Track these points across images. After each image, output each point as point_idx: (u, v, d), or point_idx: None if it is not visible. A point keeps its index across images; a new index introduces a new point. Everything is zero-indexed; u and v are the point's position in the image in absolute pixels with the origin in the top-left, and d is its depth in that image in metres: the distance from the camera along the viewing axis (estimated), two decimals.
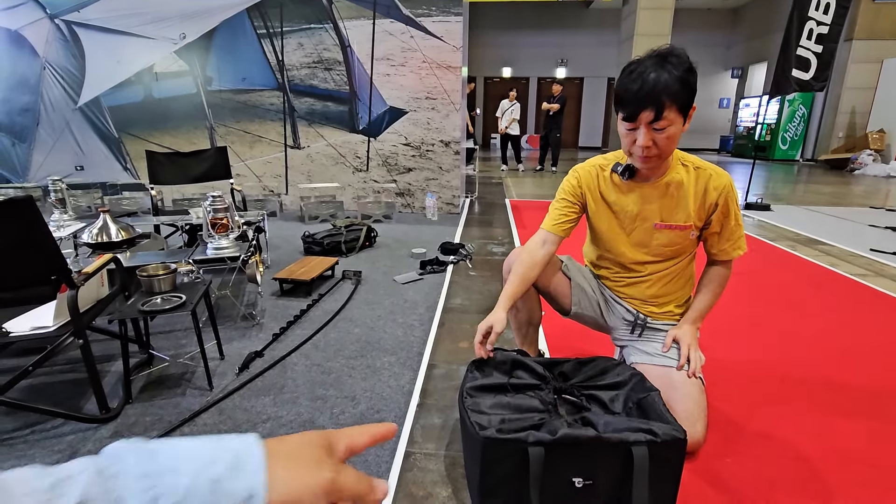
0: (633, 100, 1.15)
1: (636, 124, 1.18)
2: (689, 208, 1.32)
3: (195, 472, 0.27)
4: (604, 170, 1.41)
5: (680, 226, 1.34)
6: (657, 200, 1.34)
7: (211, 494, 0.27)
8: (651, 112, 1.15)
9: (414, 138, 4.86)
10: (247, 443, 0.30)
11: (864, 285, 2.89)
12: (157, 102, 4.89)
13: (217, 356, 1.93)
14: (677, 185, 1.32)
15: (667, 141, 1.20)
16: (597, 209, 1.43)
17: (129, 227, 2.40)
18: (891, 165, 9.20)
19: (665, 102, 1.13)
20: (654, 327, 1.48)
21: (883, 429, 1.52)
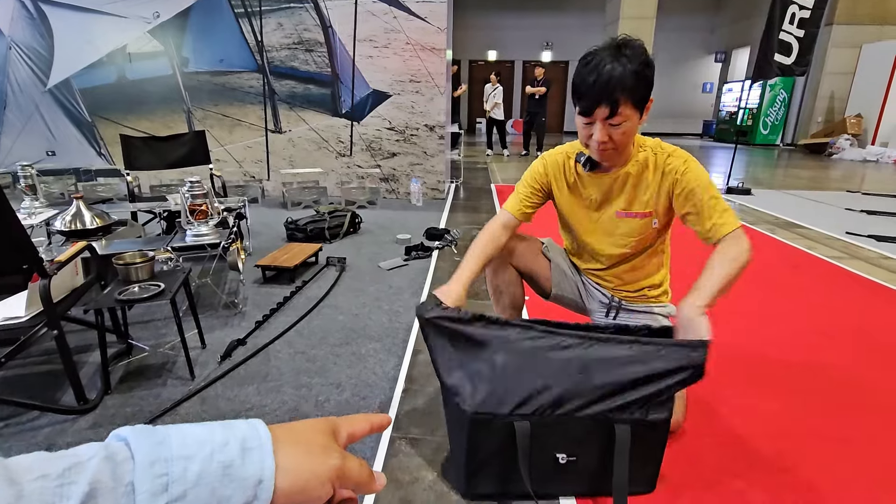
0: (589, 94, 1.14)
1: (592, 119, 1.17)
2: (648, 195, 1.31)
3: (206, 458, 0.27)
4: (570, 157, 1.40)
5: (641, 213, 1.33)
6: (618, 190, 1.34)
7: (221, 479, 0.27)
8: (606, 108, 1.14)
9: (398, 122, 4.79)
10: (255, 428, 0.31)
11: (839, 267, 2.97)
12: (131, 84, 4.72)
13: (198, 345, 1.90)
14: (637, 174, 1.31)
15: (623, 136, 1.19)
16: (562, 197, 1.43)
17: (104, 214, 2.33)
18: (867, 150, 9.40)
19: (620, 99, 1.12)
20: (629, 309, 1.49)
21: (854, 406, 1.57)
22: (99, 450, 0.26)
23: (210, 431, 0.29)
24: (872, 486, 1.23)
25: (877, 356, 1.90)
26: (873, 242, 3.51)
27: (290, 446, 0.31)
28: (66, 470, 0.24)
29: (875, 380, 1.73)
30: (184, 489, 0.26)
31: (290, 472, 0.30)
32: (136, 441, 0.27)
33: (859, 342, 2.01)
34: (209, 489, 0.27)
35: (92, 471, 0.24)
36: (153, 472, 0.26)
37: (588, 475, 1.15)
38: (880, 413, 1.54)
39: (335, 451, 0.33)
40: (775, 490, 1.22)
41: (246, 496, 0.27)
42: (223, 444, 0.28)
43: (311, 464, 0.31)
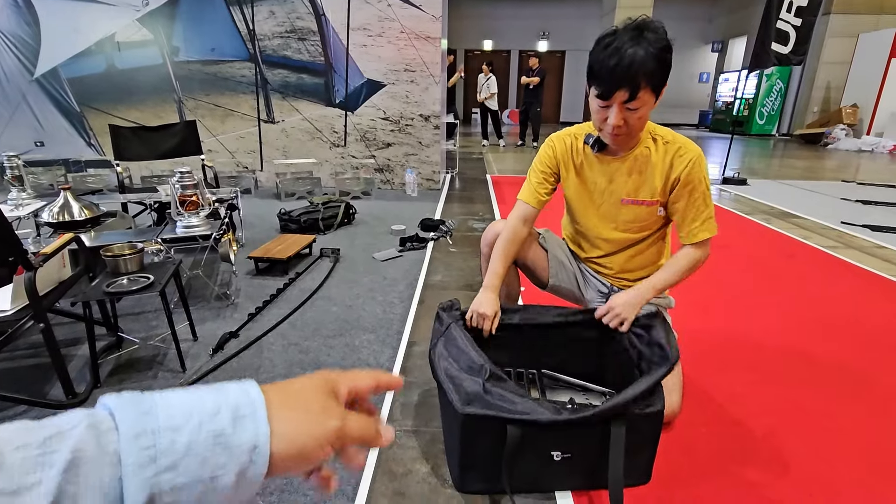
0: (609, 77, 1.12)
1: (609, 102, 1.16)
2: (655, 184, 1.30)
3: (195, 428, 0.26)
4: (577, 139, 1.39)
5: (646, 201, 1.32)
6: (624, 175, 1.32)
7: (213, 448, 0.26)
8: (626, 92, 1.12)
9: (392, 112, 4.74)
10: (247, 392, 0.29)
11: (834, 257, 2.97)
12: (120, 74, 4.64)
13: (190, 337, 1.88)
14: (644, 160, 1.30)
15: (638, 120, 1.19)
16: (568, 178, 1.42)
17: (92, 206, 2.29)
18: (862, 140, 9.40)
19: (641, 83, 1.11)
20: None
21: (849, 395, 1.57)
22: (82, 418, 0.25)
23: (199, 400, 0.28)
24: (866, 474, 1.23)
25: (871, 345, 1.90)
26: (868, 232, 3.51)
27: (286, 410, 0.30)
28: (48, 439, 0.23)
29: (869, 368, 1.73)
30: (173, 460, 0.25)
31: (285, 437, 0.29)
32: (121, 411, 0.26)
33: (854, 331, 2.01)
34: (200, 459, 0.26)
35: (74, 439, 0.24)
36: (139, 445, 0.25)
37: (583, 470, 1.14)
38: (874, 401, 1.54)
39: (334, 412, 0.32)
40: (770, 479, 1.21)
41: (241, 463, 0.27)
42: (213, 413, 0.27)
43: (308, 426, 0.30)
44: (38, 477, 0.22)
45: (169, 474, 0.25)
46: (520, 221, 1.43)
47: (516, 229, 1.42)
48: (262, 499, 1.14)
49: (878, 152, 8.91)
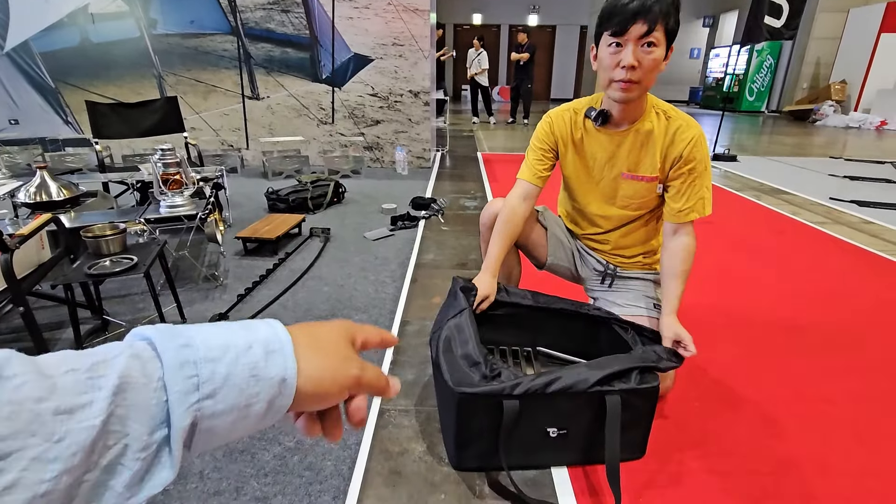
0: (625, 11, 1.08)
1: (625, 38, 1.11)
2: (655, 159, 1.27)
3: (232, 360, 0.28)
4: (577, 114, 1.34)
5: (646, 177, 1.30)
6: (626, 149, 1.29)
7: (248, 380, 0.28)
8: (643, 25, 1.08)
9: (381, 88, 4.63)
10: (276, 331, 0.32)
11: (822, 232, 2.99)
12: (95, 48, 4.44)
13: (178, 320, 1.84)
14: (647, 134, 1.26)
15: (652, 63, 1.13)
16: (567, 154, 1.38)
17: (71, 185, 2.21)
18: (850, 116, 9.45)
19: (658, 17, 1.08)
20: (624, 276, 1.47)
21: (837, 369, 1.60)
22: (124, 348, 0.26)
23: (233, 334, 0.30)
24: (854, 443, 1.26)
25: (858, 319, 1.92)
26: (855, 207, 3.55)
27: (312, 351, 0.32)
28: (95, 364, 0.25)
29: (857, 341, 1.76)
30: (213, 388, 0.27)
31: (311, 377, 0.31)
32: (162, 342, 0.27)
33: (842, 304, 2.03)
34: (238, 388, 0.28)
35: (121, 366, 0.25)
36: (183, 374, 0.26)
37: (579, 446, 1.14)
38: (861, 373, 1.56)
39: (355, 361, 0.34)
40: (761, 451, 1.23)
41: (271, 393, 0.29)
42: (247, 347, 0.29)
43: (332, 371, 0.33)
44: (90, 398, 0.23)
45: (210, 401, 0.27)
46: (519, 199, 1.39)
47: (515, 208, 1.38)
48: (257, 480, 1.13)
49: (866, 128, 8.97)
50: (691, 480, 1.14)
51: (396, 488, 1.12)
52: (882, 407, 1.41)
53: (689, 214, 1.27)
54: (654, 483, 1.13)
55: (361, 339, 0.37)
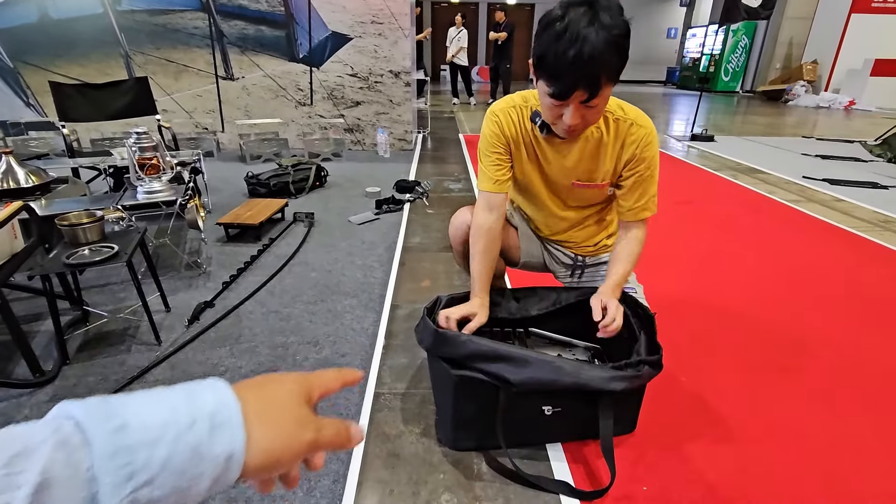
0: (566, 75, 0.95)
1: (567, 103, 1.00)
2: (607, 166, 1.20)
3: (172, 440, 0.26)
4: (523, 112, 1.21)
5: (598, 184, 1.24)
6: (576, 158, 1.20)
7: (190, 460, 0.26)
8: (585, 92, 0.97)
9: (361, 68, 4.52)
10: (222, 397, 0.29)
11: (796, 210, 3.09)
12: (56, 24, 4.21)
13: (162, 308, 1.80)
14: (596, 143, 1.18)
15: (596, 115, 1.05)
16: (520, 156, 1.26)
17: (40, 171, 2.12)
18: (821, 96, 9.68)
19: (602, 80, 0.96)
20: (593, 264, 1.46)
21: (810, 338, 1.67)
22: (49, 434, 0.24)
23: (173, 409, 0.27)
24: (826, 411, 1.32)
25: (831, 292, 2.00)
26: (827, 186, 3.66)
27: (262, 419, 0.30)
28: (14, 458, 0.22)
29: (829, 314, 1.83)
30: (150, 475, 0.25)
31: (262, 449, 0.29)
32: (92, 425, 0.25)
33: (814, 278, 2.11)
34: (178, 471, 0.26)
35: (44, 459, 0.22)
36: (115, 464, 0.24)
37: (573, 423, 1.17)
38: (834, 342, 1.64)
39: (310, 424, 0.32)
40: (746, 420, 1.28)
41: (216, 471, 0.27)
42: (190, 424, 0.27)
43: (284, 439, 0.30)
44: (7, 499, 0.21)
45: (146, 489, 0.25)
46: (486, 214, 1.26)
47: (485, 223, 1.25)
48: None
49: (835, 108, 9.22)
50: (681, 451, 1.18)
51: (395, 470, 1.13)
52: (855, 376, 1.48)
53: (642, 213, 1.23)
54: (645, 455, 1.17)
55: (319, 393, 0.35)
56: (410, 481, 1.11)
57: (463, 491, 1.08)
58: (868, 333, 1.71)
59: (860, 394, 1.40)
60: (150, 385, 1.41)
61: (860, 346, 1.64)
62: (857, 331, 1.73)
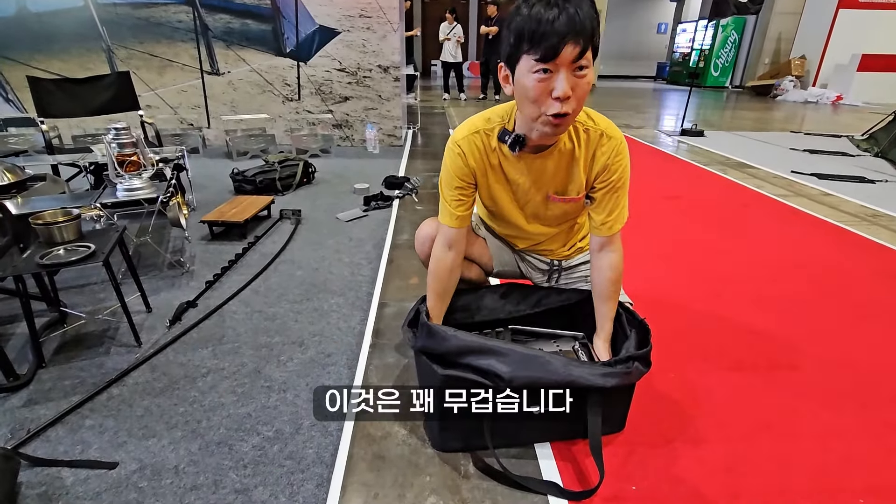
0: (553, 32, 0.89)
1: (556, 64, 0.92)
2: (580, 178, 1.16)
3: None
4: (489, 136, 1.15)
5: (573, 198, 1.20)
6: (550, 172, 1.17)
7: None
8: (576, 46, 0.90)
9: (349, 63, 4.46)
10: None
11: (784, 204, 3.10)
12: (35, 18, 4.10)
13: (143, 309, 1.75)
14: (569, 155, 1.14)
15: (585, 89, 0.97)
16: (487, 183, 1.22)
17: (15, 169, 2.06)
18: (809, 91, 9.76)
19: (590, 34, 0.92)
20: (569, 266, 1.44)
21: (801, 333, 1.67)
22: None
23: None
24: (819, 408, 1.32)
25: (819, 288, 2.00)
26: (815, 180, 3.68)
27: None
28: None
29: (819, 308, 1.84)
30: None
31: None
32: None
33: (802, 272, 2.12)
34: None
35: None
36: None
37: (562, 422, 1.15)
38: (824, 337, 1.64)
39: None
40: (734, 417, 1.27)
41: None
42: None
43: None
44: None
45: None
46: (445, 250, 1.25)
47: (443, 259, 1.25)
48: (236, 472, 1.10)
49: (823, 103, 9.29)
50: (670, 449, 1.17)
51: (381, 472, 1.11)
52: (843, 370, 1.48)
53: (614, 226, 1.19)
54: (634, 454, 1.15)
55: None
56: (396, 484, 1.08)
57: (449, 493, 1.06)
58: (856, 328, 1.72)
59: (848, 389, 1.40)
60: (130, 388, 1.37)
61: (848, 341, 1.64)
62: (844, 326, 1.73)
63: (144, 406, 1.30)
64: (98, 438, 1.19)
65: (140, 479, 1.07)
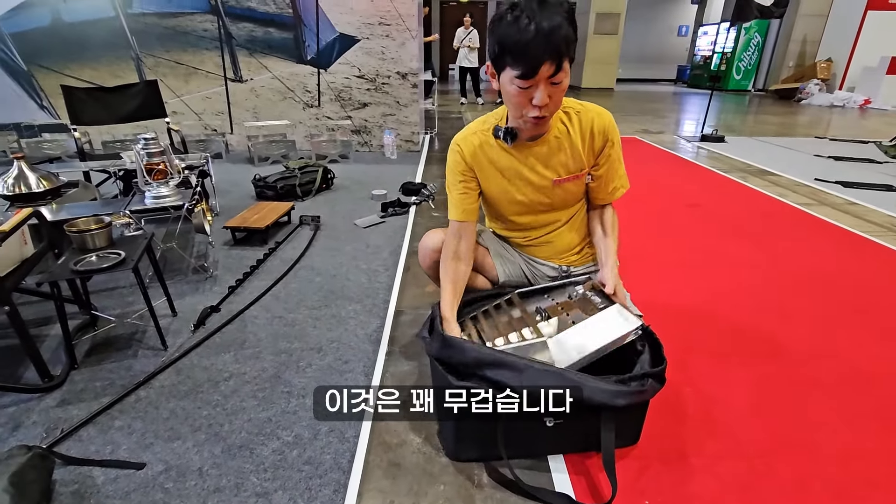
0: (531, 53, 1.02)
1: (534, 81, 1.06)
2: (581, 155, 1.27)
3: None
4: (485, 134, 1.30)
5: (576, 175, 1.30)
6: (548, 157, 1.27)
7: None
8: (552, 65, 1.03)
9: (368, 70, 4.53)
10: None
11: (807, 213, 3.04)
12: (69, 28, 4.26)
13: (169, 313, 1.81)
14: (564, 137, 1.26)
15: (561, 96, 1.12)
16: (487, 179, 1.33)
17: (51, 176, 2.14)
18: (835, 95, 9.52)
19: (564, 53, 1.03)
20: (578, 274, 1.46)
21: (824, 349, 1.64)
22: None
23: None
24: (841, 426, 1.30)
25: (843, 299, 1.97)
26: (840, 188, 3.60)
27: None
28: None
29: (842, 325, 1.80)
30: None
31: None
32: None
33: (827, 289, 2.08)
34: None
35: None
36: None
37: (575, 435, 1.16)
38: (847, 354, 1.61)
39: None
40: (752, 434, 1.26)
41: None
42: None
43: None
44: None
45: None
46: (456, 242, 1.34)
47: (455, 251, 1.33)
48: (257, 476, 1.14)
49: (850, 107, 9.05)
50: (685, 464, 1.17)
51: (396, 480, 1.13)
52: (866, 388, 1.45)
53: (618, 192, 1.36)
54: (648, 468, 1.16)
55: None
56: (411, 492, 1.11)
57: (462, 502, 1.08)
58: (881, 345, 1.68)
59: (872, 405, 1.38)
60: (157, 391, 1.42)
61: (872, 354, 1.61)
62: (869, 342, 1.70)
63: (170, 408, 1.35)
64: (127, 439, 1.24)
65: (166, 480, 1.12)
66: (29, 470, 1.02)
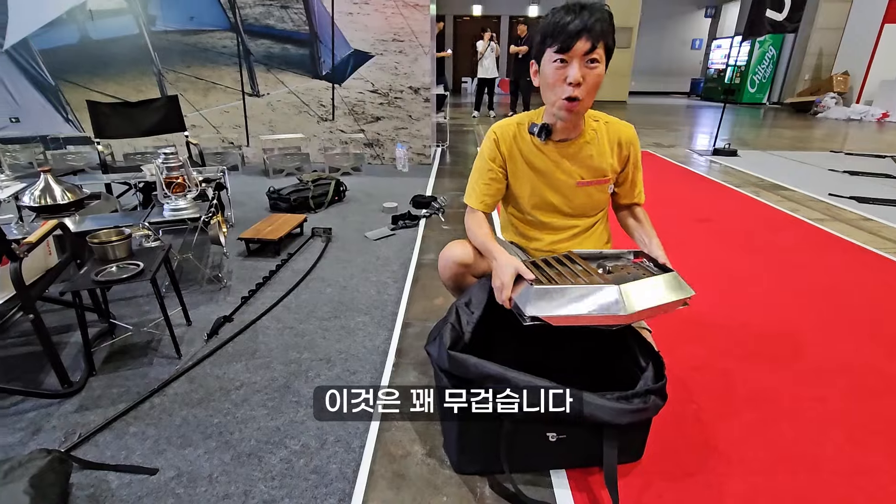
0: (570, 28, 1.13)
1: (570, 55, 1.15)
2: (608, 159, 1.35)
3: None
4: (521, 127, 1.36)
5: (601, 180, 1.37)
6: (577, 158, 1.34)
7: None
8: (587, 41, 1.13)
9: (381, 84, 4.62)
10: None
11: (821, 229, 3.01)
12: (95, 45, 4.43)
13: (183, 322, 1.87)
14: (593, 140, 1.34)
15: (596, 80, 1.19)
16: (516, 170, 1.38)
17: (75, 188, 2.22)
18: (852, 108, 9.41)
19: (600, 35, 1.14)
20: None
21: (831, 366, 1.62)
22: None
23: None
24: (846, 444, 1.29)
25: (856, 319, 1.94)
26: (854, 204, 3.56)
27: None
28: None
29: (852, 341, 1.78)
30: None
31: None
32: None
33: (839, 306, 2.06)
34: None
35: None
36: None
37: (578, 450, 1.17)
38: (855, 371, 1.59)
39: None
40: (756, 451, 1.26)
41: None
42: None
43: None
44: None
45: None
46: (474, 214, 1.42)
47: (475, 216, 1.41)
48: (265, 483, 1.16)
49: (867, 121, 8.94)
50: (689, 481, 1.17)
51: (400, 491, 1.15)
52: (873, 405, 1.44)
53: (642, 195, 1.46)
54: (651, 485, 1.16)
55: None
56: (414, 502, 1.12)
57: None
58: (890, 362, 1.66)
59: (878, 426, 1.36)
60: (170, 398, 1.47)
61: (883, 373, 1.59)
62: (878, 359, 1.68)
63: (182, 416, 1.39)
64: (141, 445, 1.28)
65: (177, 486, 1.15)
66: (48, 473, 1.06)
